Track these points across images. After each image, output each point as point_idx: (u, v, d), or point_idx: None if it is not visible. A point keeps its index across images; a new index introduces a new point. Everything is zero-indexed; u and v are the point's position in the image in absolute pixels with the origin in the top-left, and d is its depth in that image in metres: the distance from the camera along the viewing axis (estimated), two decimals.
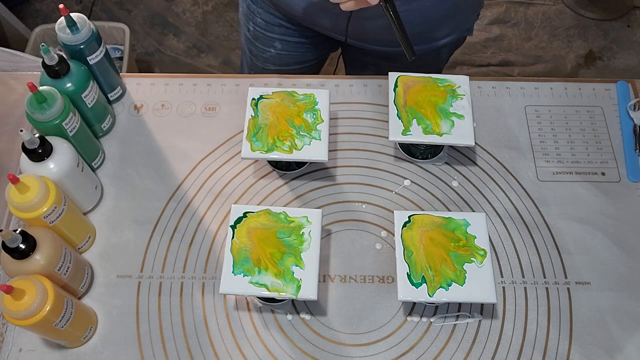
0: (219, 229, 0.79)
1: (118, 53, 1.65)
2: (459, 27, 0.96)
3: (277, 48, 1.03)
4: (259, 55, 1.06)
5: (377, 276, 0.76)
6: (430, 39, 0.94)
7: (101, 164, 0.84)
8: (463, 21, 0.96)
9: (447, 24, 0.93)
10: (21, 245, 0.63)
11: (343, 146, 0.86)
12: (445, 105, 0.79)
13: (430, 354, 0.71)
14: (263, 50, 1.04)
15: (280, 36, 1.01)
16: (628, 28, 1.90)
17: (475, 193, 0.82)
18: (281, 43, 1.02)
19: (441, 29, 0.93)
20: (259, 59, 1.07)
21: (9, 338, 0.72)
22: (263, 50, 1.04)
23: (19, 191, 0.65)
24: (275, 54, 1.04)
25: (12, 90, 0.92)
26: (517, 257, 0.77)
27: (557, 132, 0.87)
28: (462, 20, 0.95)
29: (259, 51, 1.05)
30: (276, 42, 1.02)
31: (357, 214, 0.80)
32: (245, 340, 0.72)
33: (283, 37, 1.01)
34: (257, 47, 1.05)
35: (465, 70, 1.86)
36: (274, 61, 1.06)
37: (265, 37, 1.01)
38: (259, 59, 1.07)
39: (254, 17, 1.00)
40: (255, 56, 1.07)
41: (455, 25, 0.95)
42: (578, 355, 0.71)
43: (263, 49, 1.04)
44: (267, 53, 1.04)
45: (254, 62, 1.08)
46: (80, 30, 0.77)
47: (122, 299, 0.75)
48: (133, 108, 0.90)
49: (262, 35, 1.02)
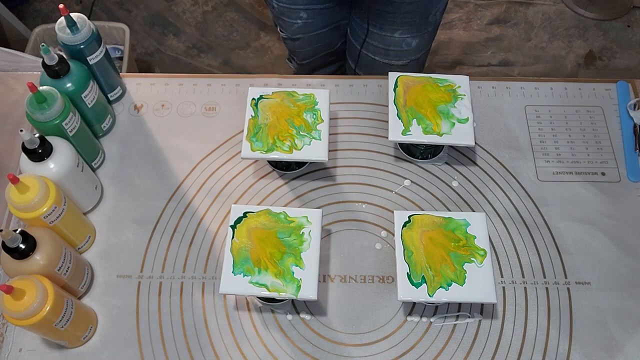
0: (219, 229, 0.79)
1: (118, 53, 1.65)
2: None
3: (304, 18, 1.06)
4: (287, 29, 1.10)
5: (377, 276, 0.76)
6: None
7: (101, 164, 0.84)
8: None
9: None
10: (21, 245, 0.63)
11: (343, 146, 0.86)
12: (445, 105, 0.79)
13: (430, 354, 0.71)
14: (291, 23, 1.08)
15: (305, 5, 1.04)
16: (628, 28, 1.90)
17: (475, 193, 0.82)
18: (306, 12, 1.05)
19: None
20: (288, 31, 1.11)
21: (9, 338, 0.72)
22: (291, 23, 1.08)
23: (19, 191, 0.65)
24: (302, 23, 1.07)
25: (12, 90, 0.92)
26: (517, 257, 0.77)
27: (557, 132, 0.87)
28: None
29: (287, 25, 1.09)
30: (301, 12, 1.05)
31: (357, 214, 0.80)
32: (245, 340, 0.72)
33: (308, 5, 1.04)
34: (285, 22, 1.08)
35: (465, 70, 1.86)
36: (303, 31, 1.10)
37: (291, 10, 1.05)
38: (288, 31, 1.11)
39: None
40: (285, 30, 1.11)
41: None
42: (578, 355, 0.71)
43: (290, 22, 1.08)
44: (294, 25, 1.08)
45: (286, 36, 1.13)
46: (80, 30, 0.77)
47: (122, 299, 0.75)
48: (133, 108, 0.90)
49: (287, 9, 1.05)
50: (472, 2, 1.98)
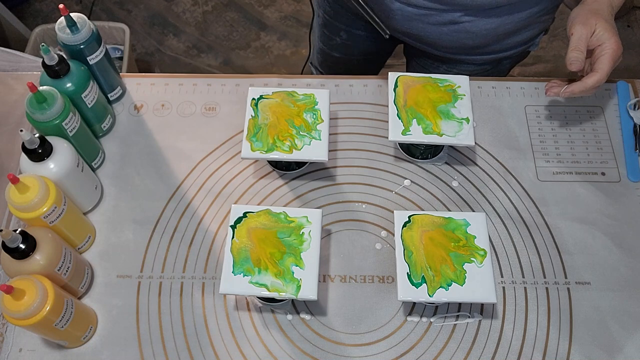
0: (219, 229, 0.79)
1: (118, 53, 1.64)
2: (524, 42, 0.91)
3: (343, 37, 1.06)
4: (326, 42, 1.11)
5: (377, 276, 0.76)
6: (490, 52, 0.91)
7: (101, 164, 0.84)
8: (530, 36, 0.90)
9: (511, 39, 0.88)
10: (21, 245, 0.63)
11: (343, 146, 0.86)
12: (445, 105, 0.79)
13: (430, 354, 0.71)
14: (330, 37, 1.08)
15: (346, 26, 1.04)
16: (628, 28, 1.89)
17: (475, 193, 0.82)
18: (346, 33, 1.05)
19: (504, 42, 0.89)
20: (326, 45, 1.11)
21: (9, 338, 0.72)
22: (330, 37, 1.08)
23: (19, 191, 0.65)
24: (341, 42, 1.08)
25: (12, 90, 0.92)
26: (517, 257, 0.77)
27: (557, 132, 0.87)
28: (529, 35, 0.90)
29: (327, 38, 1.09)
30: (342, 32, 1.05)
31: (357, 214, 0.80)
32: (245, 340, 0.72)
33: (348, 27, 1.04)
34: (325, 34, 1.09)
35: None
36: (340, 49, 1.10)
37: (333, 25, 1.05)
38: (326, 45, 1.11)
39: (324, 5, 1.03)
40: (323, 42, 1.12)
41: (521, 40, 0.90)
42: (578, 355, 0.71)
43: (330, 37, 1.08)
44: (333, 41, 1.08)
45: (323, 47, 1.13)
46: (80, 30, 0.77)
47: (122, 299, 0.75)
48: (133, 108, 0.90)
49: (330, 23, 1.05)
50: None
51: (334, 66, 1.16)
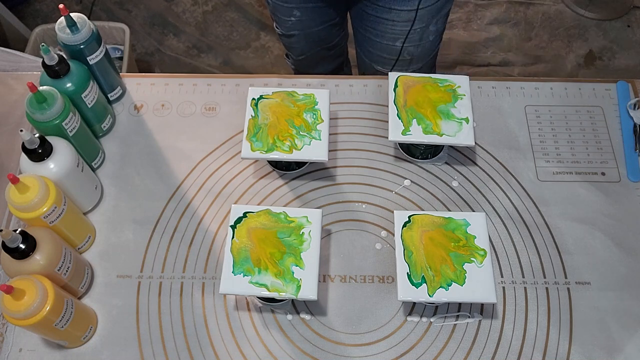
0: (219, 229, 0.79)
1: (118, 53, 1.64)
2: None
3: (297, 16, 1.07)
4: (282, 25, 1.11)
5: (377, 276, 0.76)
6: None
7: (101, 164, 0.84)
8: None
9: None
10: (21, 245, 0.63)
11: (343, 146, 0.86)
12: (445, 105, 0.79)
13: (430, 354, 0.71)
14: (284, 20, 1.09)
15: (297, 4, 1.04)
16: (628, 28, 1.90)
17: (475, 193, 0.82)
18: (299, 10, 1.05)
19: None
20: (283, 28, 1.12)
21: (9, 338, 0.72)
22: (284, 20, 1.09)
23: (19, 191, 0.65)
24: (296, 21, 1.08)
25: (12, 90, 0.92)
26: (517, 257, 0.77)
27: (557, 132, 0.87)
28: None
29: (282, 22, 1.10)
30: (294, 11, 1.06)
31: (357, 214, 0.80)
32: (245, 340, 0.72)
33: (300, 4, 1.04)
34: (280, 18, 1.09)
35: (465, 70, 1.85)
36: (297, 27, 1.10)
37: (284, 7, 1.06)
38: (283, 28, 1.12)
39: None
40: (280, 27, 1.13)
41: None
42: (578, 355, 0.71)
43: (284, 20, 1.09)
44: (288, 22, 1.09)
45: (281, 32, 1.14)
46: (80, 30, 0.77)
47: (122, 299, 0.75)
48: (133, 108, 0.90)
49: (280, 6, 1.06)
50: (472, 2, 1.98)
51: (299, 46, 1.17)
